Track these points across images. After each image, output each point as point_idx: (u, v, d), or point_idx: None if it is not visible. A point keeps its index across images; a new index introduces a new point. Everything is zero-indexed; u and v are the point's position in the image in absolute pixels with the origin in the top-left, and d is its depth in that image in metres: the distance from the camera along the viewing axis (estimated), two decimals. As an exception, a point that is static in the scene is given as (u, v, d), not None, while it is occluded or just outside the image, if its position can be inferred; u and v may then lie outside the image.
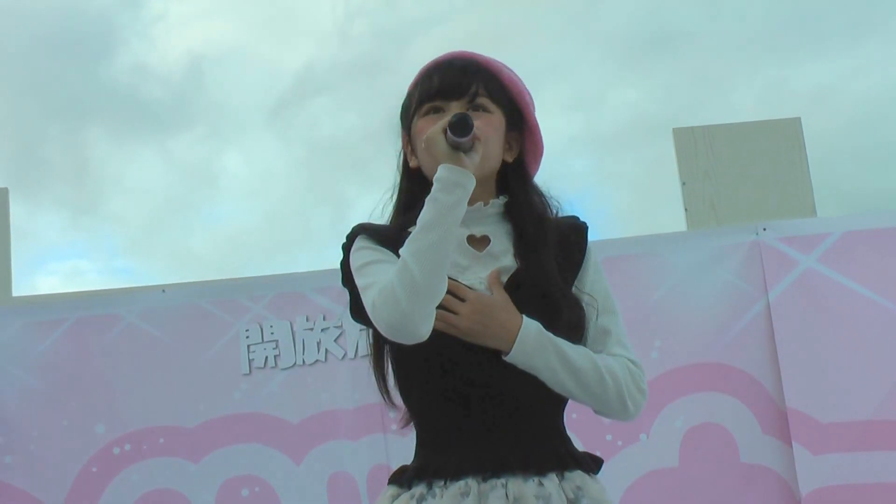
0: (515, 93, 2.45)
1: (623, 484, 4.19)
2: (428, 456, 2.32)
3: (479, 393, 2.29)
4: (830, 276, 4.31)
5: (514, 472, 2.24)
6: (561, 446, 2.32)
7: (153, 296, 4.76)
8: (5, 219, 5.37)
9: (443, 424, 2.32)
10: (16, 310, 4.87)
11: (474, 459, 2.25)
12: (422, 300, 2.17)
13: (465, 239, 2.38)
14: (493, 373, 2.29)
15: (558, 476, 2.27)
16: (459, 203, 2.19)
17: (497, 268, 2.36)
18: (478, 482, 2.24)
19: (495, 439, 2.27)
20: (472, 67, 2.42)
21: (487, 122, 2.37)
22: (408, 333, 2.20)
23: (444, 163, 2.21)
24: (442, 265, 2.18)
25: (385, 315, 2.19)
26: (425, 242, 2.17)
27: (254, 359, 4.52)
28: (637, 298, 4.38)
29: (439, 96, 2.39)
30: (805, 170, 5.06)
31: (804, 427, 4.16)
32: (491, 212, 2.42)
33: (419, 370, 2.34)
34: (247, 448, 4.46)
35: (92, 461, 4.55)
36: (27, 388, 4.60)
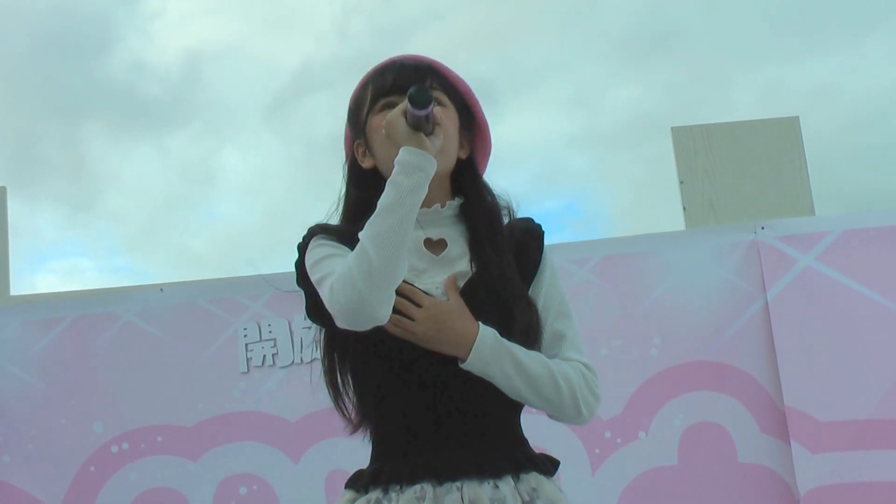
0: (464, 91, 2.47)
1: (621, 482, 4.20)
2: (383, 460, 2.33)
3: (434, 397, 2.29)
4: (829, 274, 4.31)
5: (470, 475, 2.24)
6: (517, 449, 2.33)
7: (151, 295, 4.75)
8: (3, 218, 5.36)
9: (398, 429, 2.32)
10: (14, 309, 4.87)
11: (429, 464, 2.26)
12: (379, 283, 2.15)
13: (421, 242, 2.39)
14: (449, 377, 2.29)
15: (514, 478, 2.27)
16: (419, 186, 2.19)
17: (453, 273, 2.36)
18: (433, 486, 2.24)
19: (450, 444, 2.27)
20: (424, 65, 2.44)
21: (445, 115, 2.37)
22: (365, 317, 2.18)
23: (405, 145, 2.21)
24: (400, 248, 2.17)
25: (342, 299, 2.17)
26: (384, 226, 2.16)
27: (252, 357, 4.52)
28: (636, 297, 4.39)
29: (394, 91, 2.38)
30: (804, 169, 5.06)
31: (803, 426, 4.16)
32: (447, 214, 2.43)
33: (375, 374, 2.34)
34: (245, 446, 4.46)
35: (90, 460, 4.54)
36: (25, 386, 4.60)
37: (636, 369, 4.29)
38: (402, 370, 2.31)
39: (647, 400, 4.26)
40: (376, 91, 2.42)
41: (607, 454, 4.21)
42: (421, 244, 2.39)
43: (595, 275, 4.42)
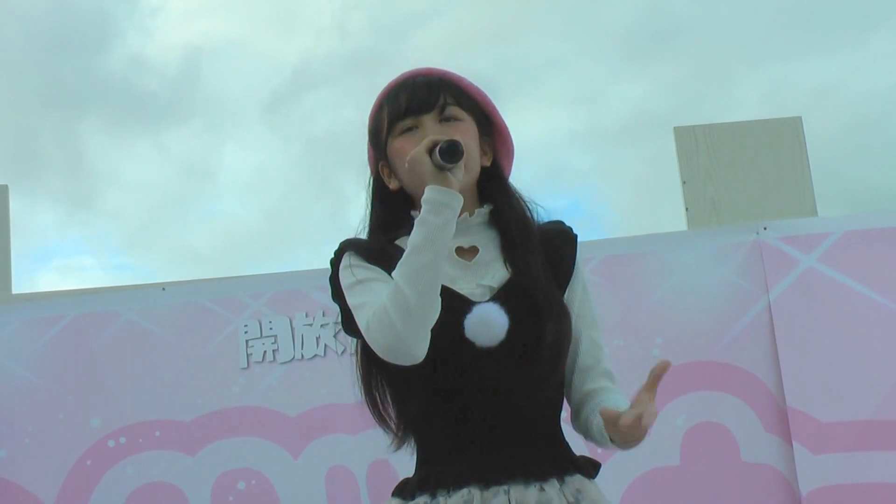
0: (480, 98, 2.47)
1: (624, 482, 4.19)
2: (429, 468, 2.33)
3: (477, 401, 2.29)
4: (831, 275, 4.32)
5: (516, 478, 2.25)
6: (559, 451, 2.34)
7: (153, 294, 4.75)
8: (5, 216, 5.33)
9: (443, 436, 2.33)
10: (15, 307, 4.86)
11: (475, 468, 2.26)
12: (416, 322, 2.18)
13: (453, 250, 2.38)
14: (492, 381, 2.29)
15: (559, 481, 2.28)
16: (449, 224, 2.20)
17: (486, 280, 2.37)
18: (480, 490, 2.24)
19: (496, 447, 2.28)
20: (435, 81, 2.43)
21: (463, 130, 2.38)
22: (403, 356, 2.21)
23: (431, 184, 2.21)
24: (435, 286, 2.18)
25: (380, 338, 2.20)
26: (417, 264, 2.18)
27: (252, 353, 4.51)
28: (638, 297, 4.39)
29: (409, 114, 2.39)
30: (806, 169, 5.05)
31: (804, 426, 4.16)
32: (477, 221, 2.43)
33: (416, 382, 2.33)
34: (244, 441, 4.46)
35: (87, 455, 4.54)
36: (23, 382, 4.59)
37: (638, 369, 4.18)
38: (445, 375, 2.30)
39: (649, 399, 4.24)
40: (392, 115, 2.42)
41: (610, 453, 4.15)
42: (453, 252, 2.38)
43: (597, 275, 4.42)
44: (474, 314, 2.30)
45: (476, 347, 2.28)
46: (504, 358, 2.29)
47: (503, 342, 2.29)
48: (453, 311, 2.29)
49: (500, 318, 2.29)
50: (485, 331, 2.29)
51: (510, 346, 2.29)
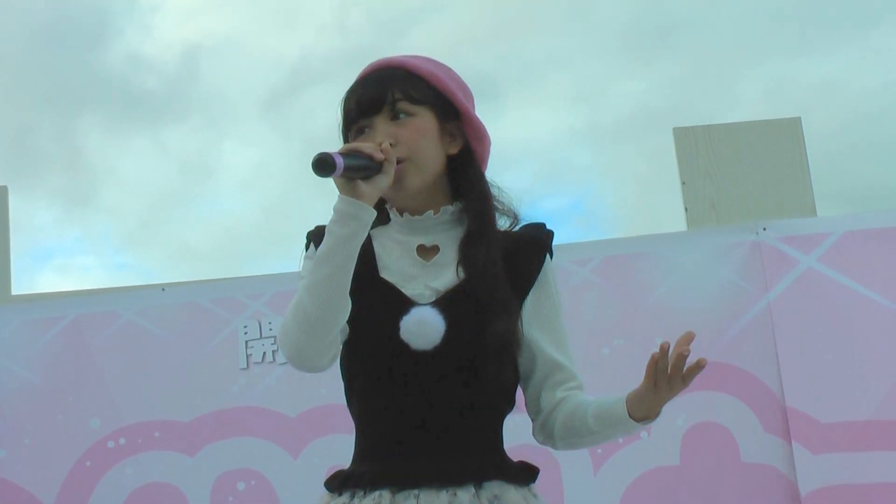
0: (438, 85, 2.41)
1: (624, 482, 4.19)
2: (356, 464, 2.34)
3: (405, 404, 2.29)
4: (830, 275, 4.31)
5: (430, 483, 2.24)
6: (485, 457, 2.31)
7: (153, 294, 4.76)
8: (5, 218, 5.33)
9: (372, 434, 2.33)
10: (15, 308, 4.86)
11: (390, 471, 2.26)
12: (314, 334, 2.18)
13: (414, 248, 2.38)
14: (422, 384, 2.28)
15: (476, 486, 2.26)
16: (355, 235, 2.18)
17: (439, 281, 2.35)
18: (391, 493, 2.24)
19: (417, 451, 2.27)
20: (385, 76, 2.40)
21: (413, 128, 2.35)
22: (305, 366, 2.23)
23: (340, 193, 2.19)
24: (336, 297, 2.17)
25: (284, 349, 2.24)
26: (319, 276, 2.18)
27: (252, 354, 4.52)
28: (637, 297, 4.38)
29: (361, 116, 2.37)
30: (805, 169, 5.06)
31: (804, 426, 4.16)
32: (443, 219, 2.41)
33: (360, 376, 2.34)
34: (243, 441, 4.46)
35: (86, 455, 4.55)
36: (23, 383, 4.60)
37: (638, 369, 4.22)
38: (378, 375, 2.31)
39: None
40: (346, 117, 2.41)
41: (609, 454, 4.20)
42: (414, 250, 2.38)
43: (596, 275, 4.42)
44: (411, 316, 2.28)
45: (411, 350, 2.27)
46: (439, 362, 2.27)
47: (438, 347, 2.27)
48: (393, 311, 2.29)
49: (436, 323, 2.28)
50: (420, 334, 2.28)
51: (445, 351, 2.27)
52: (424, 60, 2.45)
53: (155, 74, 11.36)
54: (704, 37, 11.10)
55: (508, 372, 2.36)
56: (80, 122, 11.62)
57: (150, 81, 11.31)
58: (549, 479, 4.16)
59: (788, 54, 11.03)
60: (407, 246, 2.38)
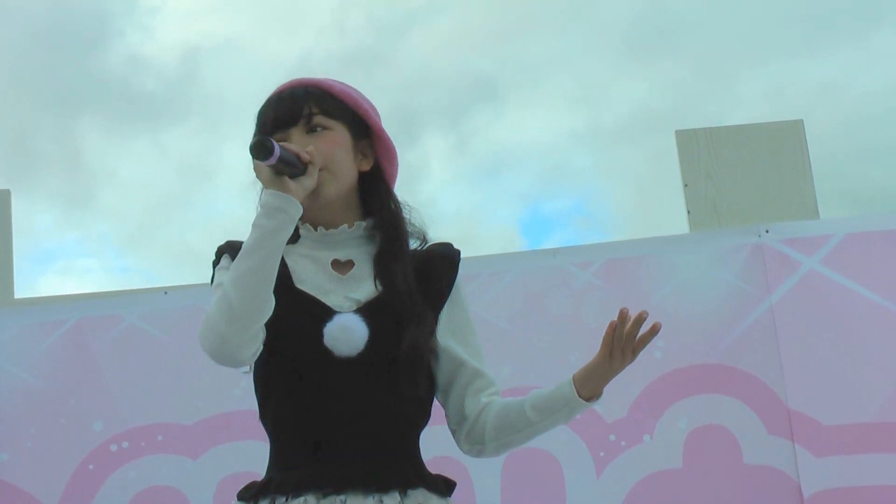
0: (351, 103, 2.48)
1: (626, 485, 4.19)
2: (274, 472, 2.38)
3: (328, 410, 2.32)
4: (833, 277, 4.31)
5: (355, 488, 2.27)
6: (408, 465, 2.35)
7: (155, 297, 4.75)
8: (7, 221, 5.32)
9: (292, 440, 2.36)
10: (17, 311, 4.85)
11: (316, 476, 2.28)
12: (239, 325, 2.21)
13: (329, 263, 2.42)
14: (345, 390, 2.32)
15: (401, 494, 2.29)
16: (282, 228, 2.23)
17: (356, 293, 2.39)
18: (317, 498, 2.27)
19: (341, 457, 2.30)
20: (300, 92, 2.46)
21: (329, 140, 2.41)
22: (228, 358, 2.26)
23: (268, 188, 2.24)
24: (261, 289, 2.21)
25: (206, 343, 2.27)
26: (244, 268, 2.22)
27: (254, 356, 4.51)
28: (639, 300, 4.35)
29: (277, 128, 2.42)
30: (808, 171, 5.05)
31: (807, 429, 4.16)
32: (357, 234, 2.46)
33: (279, 384, 2.37)
34: (246, 445, 4.43)
35: (89, 458, 4.53)
36: (26, 386, 4.59)
37: (640, 372, 4.25)
38: (299, 382, 2.34)
39: (651, 403, 4.25)
40: (261, 129, 2.46)
41: (612, 457, 4.20)
42: (328, 265, 2.42)
43: (598, 278, 4.42)
44: (334, 322, 2.33)
45: (334, 357, 2.31)
46: (362, 369, 2.32)
47: (361, 353, 2.32)
48: (314, 318, 2.33)
49: (359, 329, 2.33)
50: (344, 339, 2.32)
51: (368, 358, 2.32)
52: (337, 82, 2.52)
53: (154, 76, 11.36)
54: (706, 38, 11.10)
55: (425, 383, 2.40)
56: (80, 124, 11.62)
57: (149, 83, 11.31)
58: (551, 482, 4.17)
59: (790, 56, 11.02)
60: (321, 261, 2.43)
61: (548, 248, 4.62)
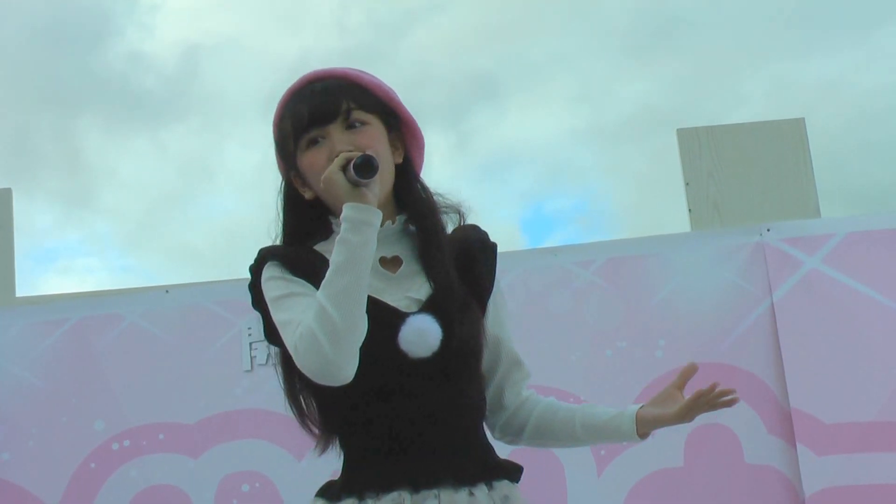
0: (382, 95, 2.44)
1: (627, 483, 4.19)
2: (356, 470, 2.35)
3: (407, 409, 2.31)
4: (834, 276, 4.32)
5: (446, 483, 2.27)
6: (487, 456, 2.37)
7: (156, 296, 4.75)
8: (9, 220, 5.31)
9: (371, 441, 2.35)
10: (19, 310, 4.85)
11: (406, 472, 2.28)
12: (344, 343, 2.19)
13: (377, 261, 2.39)
14: (422, 389, 2.32)
15: (487, 486, 2.31)
16: (369, 241, 2.21)
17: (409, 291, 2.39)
18: (410, 493, 2.27)
19: (425, 452, 2.30)
20: (334, 85, 2.41)
21: (370, 135, 2.38)
22: (333, 377, 2.23)
23: (347, 201, 2.21)
24: (359, 306, 2.19)
25: (309, 361, 2.22)
26: (341, 285, 2.18)
27: (256, 356, 4.51)
28: (641, 299, 4.39)
29: (313, 125, 2.37)
30: (809, 170, 5.05)
31: (808, 428, 4.16)
32: (398, 229, 2.44)
33: (346, 391, 2.32)
34: (248, 444, 4.45)
35: (90, 457, 4.53)
36: (27, 385, 4.59)
37: (641, 371, 4.28)
38: (376, 385, 2.32)
39: (653, 402, 4.25)
40: (296, 127, 2.40)
41: (613, 455, 4.20)
42: (377, 263, 2.39)
43: (599, 276, 4.42)
44: (409, 325, 2.32)
45: (409, 358, 2.31)
46: (434, 367, 2.32)
47: (436, 353, 2.32)
48: (385, 323, 2.31)
49: (433, 330, 2.32)
50: (420, 342, 2.32)
51: (442, 357, 2.32)
52: (361, 72, 2.47)
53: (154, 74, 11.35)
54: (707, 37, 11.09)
55: (480, 372, 2.43)
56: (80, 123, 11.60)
57: (149, 81, 11.30)
58: (553, 480, 4.17)
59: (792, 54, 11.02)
60: None
61: (549, 246, 4.63)
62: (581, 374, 4.28)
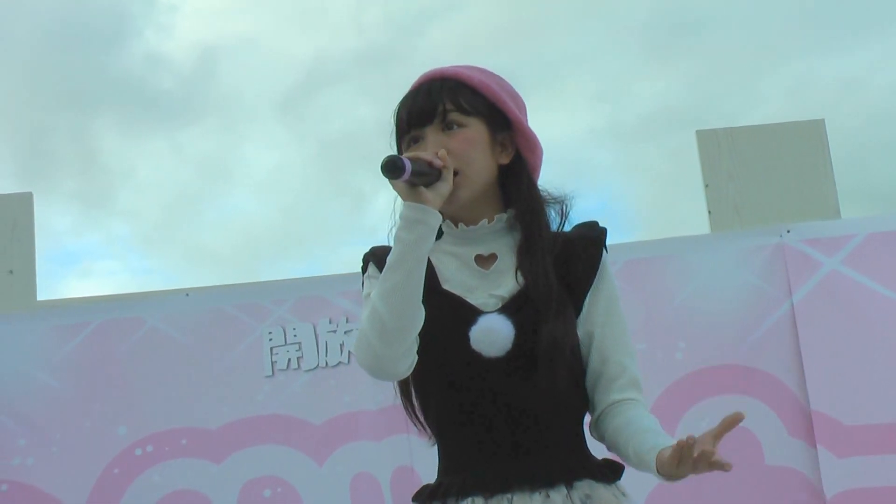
0: (489, 95, 2.44)
1: (648, 486, 4.17)
2: (444, 474, 2.37)
3: (485, 411, 2.31)
4: (854, 277, 4.31)
5: (521, 487, 2.27)
6: (571, 457, 2.34)
7: (177, 299, 4.77)
8: (30, 225, 5.33)
9: (454, 444, 2.36)
10: (40, 315, 4.87)
11: (480, 477, 2.28)
12: (393, 341, 2.21)
13: (472, 259, 2.41)
14: (498, 390, 2.31)
15: (567, 486, 2.29)
16: (423, 239, 2.21)
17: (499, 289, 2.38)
18: (484, 499, 2.27)
19: (503, 456, 2.30)
20: (437, 86, 2.43)
21: (463, 139, 2.38)
22: (385, 374, 2.26)
23: (405, 200, 2.23)
24: (410, 303, 2.21)
25: (362, 359, 2.26)
26: (391, 283, 2.21)
27: (276, 361, 4.53)
28: (661, 300, 4.39)
29: (412, 126, 2.41)
30: (829, 171, 5.04)
31: (828, 430, 4.16)
32: (497, 228, 2.44)
33: (435, 390, 2.37)
34: (269, 449, 4.47)
35: (114, 462, 4.55)
36: (50, 390, 4.61)
37: (662, 373, 4.29)
38: (453, 385, 2.34)
39: (672, 403, 4.25)
40: (398, 127, 2.45)
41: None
42: (472, 261, 2.41)
43: (619, 279, 4.33)
44: (479, 325, 2.32)
45: (483, 358, 2.31)
46: (511, 367, 2.31)
47: (509, 352, 2.30)
48: (460, 321, 2.33)
49: (504, 329, 2.31)
50: (490, 341, 2.31)
51: (517, 356, 2.31)
52: (476, 71, 2.48)
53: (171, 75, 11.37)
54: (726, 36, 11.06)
55: (566, 375, 2.36)
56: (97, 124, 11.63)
57: (166, 82, 11.32)
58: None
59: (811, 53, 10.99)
60: (464, 257, 2.42)
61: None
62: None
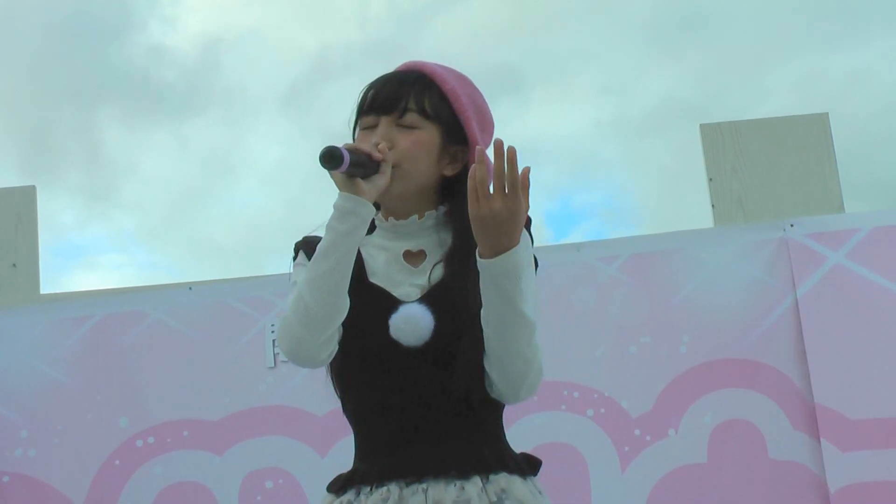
0: (456, 106, 2.42)
1: (651, 479, 4.19)
2: (359, 463, 2.36)
3: (402, 400, 2.31)
4: (858, 272, 4.31)
5: (436, 476, 2.26)
6: (488, 449, 2.32)
7: (180, 293, 4.77)
8: (33, 218, 5.33)
9: (370, 432, 2.36)
10: (43, 307, 4.88)
11: (396, 465, 2.28)
12: (315, 327, 2.22)
13: (401, 254, 2.40)
14: (416, 379, 2.30)
15: (482, 479, 2.27)
16: (355, 230, 2.23)
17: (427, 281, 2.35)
18: (400, 488, 2.26)
19: (418, 445, 2.29)
20: (410, 81, 2.41)
21: (413, 140, 2.36)
22: (304, 359, 2.26)
23: (341, 190, 2.23)
24: (336, 292, 2.22)
25: (283, 344, 2.28)
26: (319, 271, 2.22)
27: (279, 353, 4.52)
28: (665, 294, 4.38)
29: (371, 111, 2.40)
30: (833, 165, 5.04)
31: (832, 423, 4.15)
32: (427, 224, 2.42)
33: (353, 378, 2.36)
34: (271, 440, 4.47)
35: (115, 454, 4.55)
36: (52, 382, 4.61)
37: (665, 367, 4.28)
38: (371, 373, 2.33)
39: (676, 397, 4.25)
40: (359, 107, 2.43)
41: (637, 452, 4.20)
42: (400, 256, 2.40)
43: (623, 272, 4.42)
44: (399, 313, 2.31)
45: (402, 347, 2.30)
46: (429, 358, 2.30)
47: (428, 342, 2.29)
48: (381, 309, 2.32)
49: (424, 319, 2.30)
50: (409, 330, 2.30)
51: (435, 347, 2.29)
52: (454, 76, 2.46)
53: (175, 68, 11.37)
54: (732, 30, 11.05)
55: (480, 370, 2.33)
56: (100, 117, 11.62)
57: (170, 75, 11.32)
58: (577, 476, 4.17)
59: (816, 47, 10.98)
60: (393, 252, 2.41)
61: (572, 242, 4.63)
62: (604, 369, 4.29)
